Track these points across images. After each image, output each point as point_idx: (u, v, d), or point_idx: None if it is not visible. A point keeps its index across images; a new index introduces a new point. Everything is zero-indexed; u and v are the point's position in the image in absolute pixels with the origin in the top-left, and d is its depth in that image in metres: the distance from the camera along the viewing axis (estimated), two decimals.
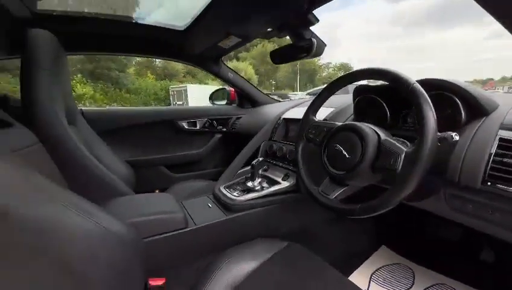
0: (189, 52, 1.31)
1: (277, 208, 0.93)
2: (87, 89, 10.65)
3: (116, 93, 12.37)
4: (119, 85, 12.79)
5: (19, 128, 0.69)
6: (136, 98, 13.26)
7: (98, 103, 11.05)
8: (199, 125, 1.67)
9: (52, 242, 0.43)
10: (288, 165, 1.02)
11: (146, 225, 0.71)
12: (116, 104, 12.05)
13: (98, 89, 11.61)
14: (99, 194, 0.85)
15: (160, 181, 1.54)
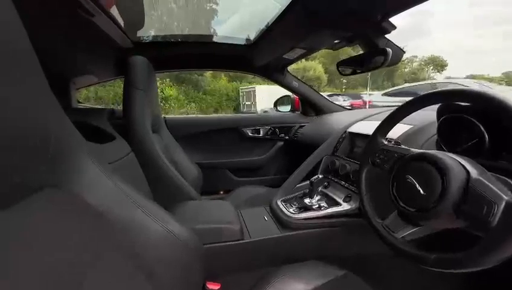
0: (255, 64, 1.37)
1: (335, 231, 0.87)
2: (173, 92, 12.38)
3: (194, 94, 13.96)
4: (198, 87, 14.37)
5: (119, 140, 0.86)
6: (210, 98, 14.66)
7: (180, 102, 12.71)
8: (262, 133, 1.72)
9: (132, 241, 0.52)
10: (351, 186, 0.94)
11: (207, 232, 0.78)
12: (194, 103, 13.61)
13: (181, 91, 13.34)
14: (173, 196, 0.98)
15: (224, 183, 1.67)
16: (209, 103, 14.49)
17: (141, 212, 0.54)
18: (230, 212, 0.90)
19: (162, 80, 12.27)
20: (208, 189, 1.63)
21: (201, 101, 14.07)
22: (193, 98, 13.79)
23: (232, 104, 16.00)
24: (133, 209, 0.53)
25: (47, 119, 0.42)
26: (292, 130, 1.70)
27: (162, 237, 0.55)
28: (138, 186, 0.87)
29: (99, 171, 0.51)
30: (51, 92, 0.45)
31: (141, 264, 0.51)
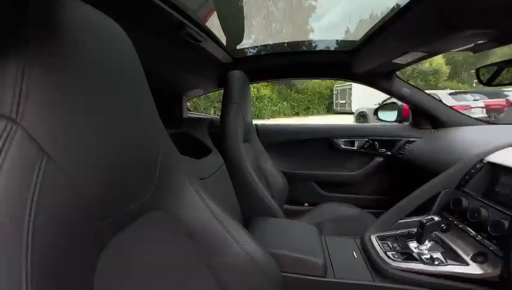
0: (356, 70, 1.20)
1: None
2: (267, 91, 13.00)
3: (287, 93, 14.19)
4: (290, 86, 14.52)
5: (214, 153, 0.94)
6: (302, 97, 14.52)
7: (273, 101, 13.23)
8: (357, 145, 1.52)
9: (216, 260, 0.54)
10: (489, 241, 0.67)
11: (288, 260, 0.73)
12: (286, 102, 13.86)
13: (275, 91, 13.84)
14: (255, 208, 0.99)
15: (310, 196, 1.59)
16: (300, 100, 14.40)
17: (225, 233, 0.56)
18: (315, 241, 0.82)
19: None
20: (292, 199, 1.59)
21: (293, 99, 14.16)
22: (285, 97, 14.07)
23: (324, 102, 15.33)
24: (219, 229, 0.55)
25: (158, 146, 0.47)
26: (397, 145, 1.42)
27: (240, 259, 0.55)
28: (227, 198, 0.93)
29: (193, 191, 0.54)
30: (159, 119, 0.51)
31: (221, 285, 0.53)
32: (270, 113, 12.85)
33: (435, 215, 0.77)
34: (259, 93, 12.44)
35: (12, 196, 0.23)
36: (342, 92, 13.75)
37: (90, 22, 0.33)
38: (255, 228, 0.88)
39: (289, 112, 13.79)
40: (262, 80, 1.41)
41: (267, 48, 1.23)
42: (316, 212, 1.36)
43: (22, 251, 0.22)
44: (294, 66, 1.29)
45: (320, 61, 1.23)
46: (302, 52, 1.19)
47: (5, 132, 0.24)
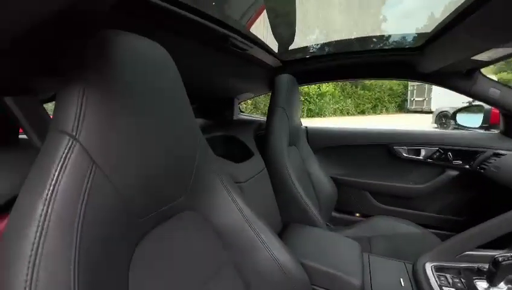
0: (424, 69, 1.04)
1: None
2: (330, 88, 12.36)
3: (352, 90, 13.18)
4: (356, 82, 13.44)
5: (256, 157, 0.97)
6: (370, 93, 13.26)
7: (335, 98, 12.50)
8: (424, 154, 1.31)
9: (244, 263, 0.57)
10: None
11: (318, 273, 0.70)
12: (350, 99, 12.92)
13: (338, 87, 13.04)
14: (296, 217, 0.98)
15: (362, 206, 1.46)
16: (367, 97, 13.16)
17: (256, 237, 0.57)
18: (354, 258, 0.77)
19: None
20: (342, 207, 1.50)
21: (358, 97, 13.06)
22: (350, 94, 13.10)
23: (395, 100, 13.63)
24: (249, 233, 0.57)
25: (194, 154, 0.52)
26: (479, 157, 1.17)
27: (268, 266, 0.56)
28: (264, 202, 0.94)
29: (226, 194, 0.58)
30: (197, 126, 0.56)
31: (248, 287, 0.55)
32: (332, 112, 12.20)
33: None
34: (321, 90, 11.93)
35: (68, 198, 0.30)
36: (419, 89, 11.94)
37: (137, 50, 0.39)
38: (291, 235, 0.88)
39: (353, 110, 12.80)
40: (314, 82, 1.36)
41: (318, 49, 1.18)
42: (367, 224, 1.25)
43: (73, 241, 0.29)
44: (348, 67, 1.20)
45: (378, 60, 1.11)
46: (356, 52, 1.09)
47: (67, 146, 0.31)
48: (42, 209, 0.28)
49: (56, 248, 0.27)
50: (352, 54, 1.11)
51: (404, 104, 13.27)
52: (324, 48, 1.17)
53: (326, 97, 12.15)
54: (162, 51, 0.45)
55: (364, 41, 1.11)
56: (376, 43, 1.08)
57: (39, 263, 0.26)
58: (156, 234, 0.44)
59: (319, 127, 1.56)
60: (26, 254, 0.26)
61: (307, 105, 11.49)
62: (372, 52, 1.07)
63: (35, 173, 0.30)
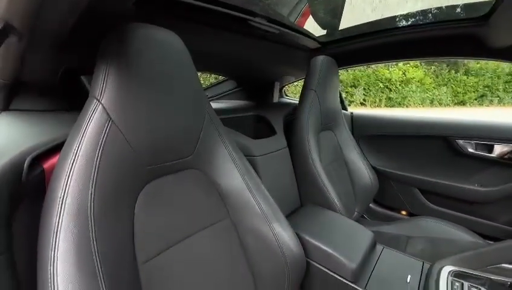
0: (493, 44, 0.83)
1: None
2: (418, 73, 10.53)
3: (450, 75, 10.84)
4: (457, 66, 10.95)
5: (279, 135, 1.01)
6: (474, 80, 10.62)
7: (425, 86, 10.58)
8: (498, 152, 1.07)
9: (241, 227, 0.64)
10: None
11: (315, 249, 0.72)
12: (445, 87, 10.71)
13: (430, 72, 10.97)
14: (312, 198, 0.99)
15: (408, 203, 1.31)
16: (471, 86, 10.58)
17: (255, 205, 0.64)
18: (360, 246, 0.74)
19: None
20: (385, 202, 1.38)
21: (458, 84, 10.64)
22: (445, 80, 10.81)
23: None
24: (250, 200, 0.65)
25: (201, 120, 0.62)
26: None
27: (264, 232, 0.62)
28: (280, 180, 0.98)
29: (230, 161, 0.66)
30: (206, 98, 0.65)
31: (243, 244, 0.63)
32: (419, 102, 10.41)
33: None
34: (406, 76, 10.32)
35: (90, 145, 0.43)
36: None
37: (153, 37, 0.50)
38: (303, 213, 0.90)
39: (448, 100, 10.57)
40: (357, 64, 1.25)
41: (359, 28, 1.08)
42: (411, 223, 1.14)
43: (90, 179, 0.41)
44: (395, 45, 1.06)
45: (433, 35, 0.94)
46: (403, 27, 0.96)
47: (93, 107, 0.46)
48: (73, 152, 0.41)
49: (80, 177, 0.41)
50: (397, 29, 0.98)
51: None
52: (366, 27, 1.07)
53: (412, 84, 10.44)
54: (175, 38, 0.56)
55: (413, 16, 0.96)
56: (430, 16, 0.92)
57: (70, 182, 0.40)
58: (161, 182, 0.55)
59: (366, 113, 1.45)
60: (63, 176, 0.40)
61: (387, 93, 10.15)
62: (423, 26, 0.91)
63: (75, 126, 0.46)
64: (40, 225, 0.39)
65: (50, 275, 0.35)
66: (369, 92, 10.08)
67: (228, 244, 0.61)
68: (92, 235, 0.39)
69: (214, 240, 0.59)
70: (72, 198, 0.39)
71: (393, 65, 10.49)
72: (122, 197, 0.47)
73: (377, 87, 10.34)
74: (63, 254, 0.36)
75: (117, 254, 0.42)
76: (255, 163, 0.85)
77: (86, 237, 0.38)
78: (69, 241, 0.36)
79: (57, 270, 0.35)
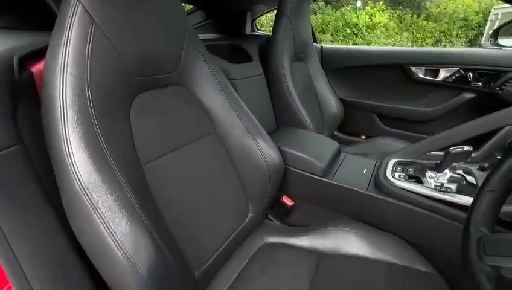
0: None
1: (437, 221, 0.64)
2: (383, 18, 10.57)
3: (412, 20, 11.08)
4: (420, 10, 11.15)
5: (255, 62, 1.04)
6: (434, 25, 11.03)
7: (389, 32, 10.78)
8: (443, 76, 1.24)
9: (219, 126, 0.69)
10: None
11: (293, 157, 0.85)
12: (407, 33, 11.04)
13: (395, 17, 11.06)
14: (288, 122, 1.09)
15: (367, 127, 1.51)
16: (430, 31, 11.02)
17: (238, 119, 0.70)
18: (328, 152, 0.89)
19: (374, 2, 10.58)
20: (348, 129, 1.56)
21: (418, 30, 11.00)
22: (408, 26, 11.06)
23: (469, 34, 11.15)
24: (232, 114, 0.70)
25: (183, 37, 0.63)
26: (500, 79, 1.08)
27: (247, 144, 0.70)
28: (260, 104, 1.06)
29: (214, 80, 0.69)
30: (187, 21, 0.65)
31: (229, 156, 0.71)
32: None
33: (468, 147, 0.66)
34: (372, 21, 10.33)
35: (77, 52, 0.42)
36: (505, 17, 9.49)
37: None
38: (280, 132, 1.01)
39: (408, 46, 11.02)
40: None
41: None
42: (367, 144, 1.33)
43: (85, 81, 0.42)
44: None
45: None
46: None
47: (73, 7, 0.44)
48: (62, 53, 0.40)
49: (75, 79, 0.42)
50: None
51: (478, 39, 10.87)
52: None
53: (377, 30, 10.54)
54: None
55: None
56: None
57: (66, 82, 0.41)
58: (151, 95, 0.57)
59: (335, 46, 1.51)
60: (58, 77, 0.40)
61: (353, 39, 10.20)
62: None
63: (56, 28, 0.43)
64: (45, 120, 0.41)
65: (70, 165, 0.38)
66: (336, 38, 10.03)
67: (217, 155, 0.68)
68: (98, 131, 0.42)
69: (204, 151, 0.65)
70: (72, 96, 0.40)
71: (361, 9, 10.33)
72: (117, 104, 0.49)
73: (344, 32, 10.27)
74: (77, 146, 0.39)
75: (123, 154, 0.46)
76: (235, 86, 0.90)
77: (93, 132, 0.41)
78: (78, 134, 0.39)
79: (75, 160, 0.38)
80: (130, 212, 0.40)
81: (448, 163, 0.67)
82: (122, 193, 0.41)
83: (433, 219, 0.65)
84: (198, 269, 0.56)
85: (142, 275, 0.38)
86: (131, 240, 0.39)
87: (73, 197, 0.38)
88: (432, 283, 0.57)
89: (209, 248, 0.60)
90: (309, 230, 0.72)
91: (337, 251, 0.67)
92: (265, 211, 0.77)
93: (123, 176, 0.42)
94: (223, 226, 0.65)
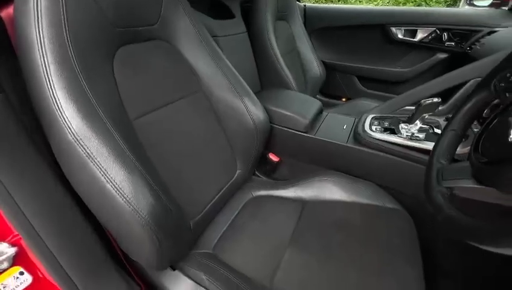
0: None
1: (407, 166, 0.72)
2: None
3: None
4: None
5: (237, 20, 1.01)
6: None
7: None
8: (420, 36, 1.28)
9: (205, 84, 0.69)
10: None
11: (277, 115, 0.88)
12: None
13: None
14: (271, 81, 1.10)
15: (347, 90, 1.55)
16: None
17: (224, 77, 0.69)
18: (311, 109, 0.92)
19: None
20: (329, 91, 1.59)
21: None
22: None
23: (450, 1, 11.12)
24: (218, 72, 0.70)
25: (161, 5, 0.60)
26: (470, 39, 1.14)
27: (236, 103, 0.70)
28: (244, 63, 1.04)
29: (196, 34, 0.67)
30: None
31: (216, 113, 0.72)
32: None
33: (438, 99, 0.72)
34: None
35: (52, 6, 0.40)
36: None
37: None
38: (265, 92, 1.03)
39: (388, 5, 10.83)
40: None
41: None
42: (346, 106, 1.38)
43: (63, 28, 0.39)
44: None
45: None
46: None
47: None
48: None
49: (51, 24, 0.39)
50: None
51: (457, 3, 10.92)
52: None
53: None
54: None
55: None
56: None
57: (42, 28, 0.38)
58: (133, 49, 0.55)
59: (318, 5, 1.48)
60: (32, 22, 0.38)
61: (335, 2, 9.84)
62: None
63: None
64: (26, 72, 0.39)
65: (59, 116, 0.37)
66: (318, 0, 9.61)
67: (204, 114, 0.69)
68: (83, 82, 0.41)
69: (191, 109, 0.66)
70: (50, 44, 0.38)
71: None
72: (99, 55, 0.47)
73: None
74: (64, 98, 0.38)
75: (111, 108, 0.45)
76: (217, 43, 0.87)
77: (79, 85, 0.40)
78: (64, 87, 0.38)
79: (64, 111, 0.37)
80: (125, 162, 0.41)
81: (419, 115, 0.74)
82: (116, 144, 0.41)
83: (404, 164, 0.73)
84: (193, 219, 0.59)
85: (144, 217, 0.41)
86: (130, 187, 0.40)
87: (67, 147, 0.39)
88: (399, 217, 0.66)
89: (202, 200, 0.64)
90: (294, 182, 0.78)
91: (318, 198, 0.74)
92: (253, 168, 0.81)
93: (114, 128, 0.42)
94: (213, 181, 0.68)
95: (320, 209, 0.71)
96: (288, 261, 0.57)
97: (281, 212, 0.71)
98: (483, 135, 0.39)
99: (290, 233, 0.64)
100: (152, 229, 0.42)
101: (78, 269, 0.43)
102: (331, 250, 0.58)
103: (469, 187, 0.39)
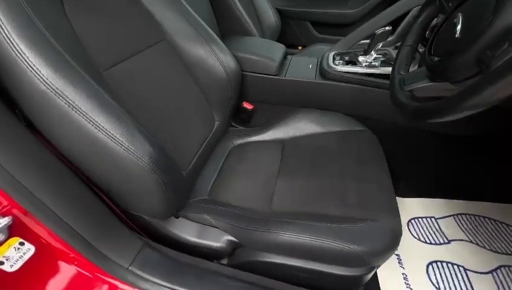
0: None
1: (368, 91, 0.81)
2: None
3: None
4: None
5: None
6: None
7: None
8: None
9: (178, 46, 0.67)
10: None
11: (247, 61, 0.87)
12: None
13: None
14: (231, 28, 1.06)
15: (303, 37, 1.58)
16: None
17: (192, 30, 0.67)
18: (277, 52, 0.93)
19: None
20: (285, 41, 1.60)
21: None
22: None
23: None
24: (181, 20, 0.66)
25: None
26: None
27: (210, 59, 0.68)
28: (201, 13, 0.98)
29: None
30: None
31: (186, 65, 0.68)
32: None
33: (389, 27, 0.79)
34: None
35: None
36: None
37: None
38: (228, 40, 1.00)
39: None
40: None
41: None
42: (305, 51, 1.41)
43: None
44: None
45: None
46: None
47: None
48: None
49: None
50: None
51: None
52: None
53: None
54: None
55: None
56: None
57: None
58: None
59: None
60: None
61: None
62: None
63: None
64: None
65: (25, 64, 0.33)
66: None
67: (172, 63, 0.66)
68: (38, 24, 0.36)
69: (159, 60, 0.62)
70: None
71: None
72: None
73: None
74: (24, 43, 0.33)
75: (74, 53, 0.40)
76: None
77: (33, 24, 0.35)
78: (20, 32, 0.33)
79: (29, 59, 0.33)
80: (111, 109, 0.39)
81: (374, 44, 0.81)
82: (96, 92, 0.39)
83: (365, 91, 0.82)
84: (184, 170, 0.60)
85: (147, 162, 0.40)
86: (125, 134, 0.39)
87: (43, 100, 0.35)
88: (366, 137, 0.76)
89: (188, 151, 0.64)
90: (270, 126, 0.82)
91: (296, 134, 0.80)
92: (229, 119, 0.82)
93: (88, 74, 0.39)
94: (195, 133, 0.68)
95: (299, 144, 0.77)
96: (281, 187, 0.63)
97: (264, 154, 0.75)
98: (435, 39, 0.46)
99: (277, 166, 0.69)
100: (157, 173, 0.42)
101: (88, 226, 0.42)
102: (315, 169, 0.66)
103: (425, 86, 0.47)
